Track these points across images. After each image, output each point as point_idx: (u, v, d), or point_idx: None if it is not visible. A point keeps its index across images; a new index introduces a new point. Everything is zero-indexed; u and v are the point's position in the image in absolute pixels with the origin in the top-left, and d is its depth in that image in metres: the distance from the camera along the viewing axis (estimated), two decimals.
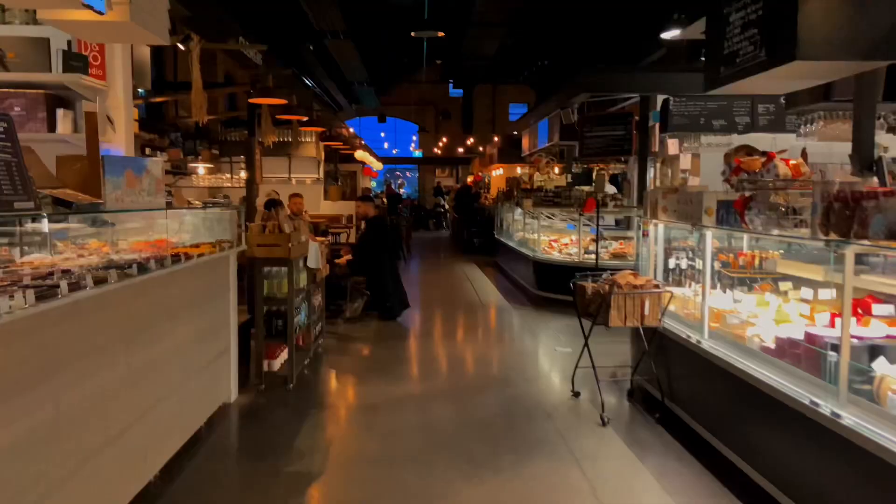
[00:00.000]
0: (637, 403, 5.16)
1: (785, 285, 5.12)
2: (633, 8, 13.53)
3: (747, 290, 5.42)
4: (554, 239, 10.89)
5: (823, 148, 10.62)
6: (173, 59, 12.96)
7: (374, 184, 32.76)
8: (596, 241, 9.01)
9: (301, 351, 6.17)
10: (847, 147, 4.72)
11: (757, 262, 5.51)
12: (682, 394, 4.63)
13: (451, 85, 29.51)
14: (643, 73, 9.58)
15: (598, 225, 9.05)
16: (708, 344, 4.25)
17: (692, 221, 4.34)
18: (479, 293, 11.01)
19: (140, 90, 7.03)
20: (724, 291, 5.53)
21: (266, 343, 5.40)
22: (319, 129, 9.48)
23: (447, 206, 25.09)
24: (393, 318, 8.40)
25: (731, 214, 3.84)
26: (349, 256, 8.45)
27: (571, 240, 10.67)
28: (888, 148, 5.96)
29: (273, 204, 7.73)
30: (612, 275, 5.27)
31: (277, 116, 8.03)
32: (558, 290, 9.46)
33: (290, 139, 12.20)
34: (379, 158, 23.89)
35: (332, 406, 5.19)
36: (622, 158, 13.76)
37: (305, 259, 6.04)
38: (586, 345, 5.02)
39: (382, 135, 32.38)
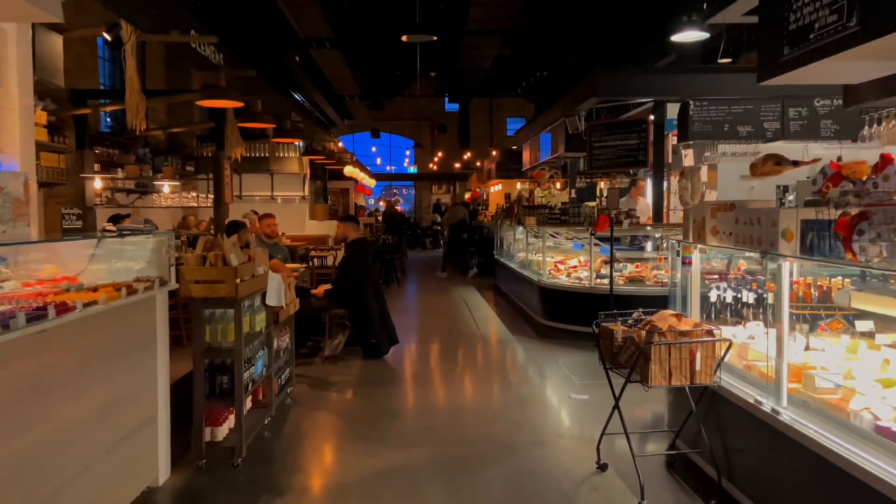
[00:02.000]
0: (682, 480, 4.02)
1: (863, 324, 4.03)
2: (640, 8, 12.59)
3: (809, 328, 4.33)
4: (560, 260, 9.78)
5: (866, 156, 9.60)
6: (140, 63, 11.93)
7: (371, 201, 31.76)
8: (610, 263, 7.89)
9: (259, 408, 5.03)
10: None
11: (814, 291, 4.42)
12: (748, 475, 3.50)
13: (446, 99, 28.55)
14: (661, 74, 8.52)
15: (612, 246, 7.94)
16: (788, 415, 3.13)
17: (761, 248, 3.24)
18: (479, 322, 9.89)
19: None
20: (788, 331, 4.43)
21: (208, 406, 4.27)
22: (292, 141, 8.40)
23: (443, 225, 23.99)
24: (379, 357, 7.27)
25: (827, 239, 2.74)
26: (327, 286, 7.34)
27: (580, 261, 9.56)
28: None
29: (236, 227, 6.63)
30: (645, 314, 4.16)
31: (240, 125, 6.95)
32: (567, 319, 8.35)
33: (265, 154, 11.17)
34: (373, 175, 22.84)
35: (289, 489, 4.04)
36: (631, 171, 12.74)
37: (265, 295, 4.92)
38: (616, 407, 3.90)
39: (374, 149, 31.34)
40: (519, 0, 14.47)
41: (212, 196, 11.30)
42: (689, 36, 8.78)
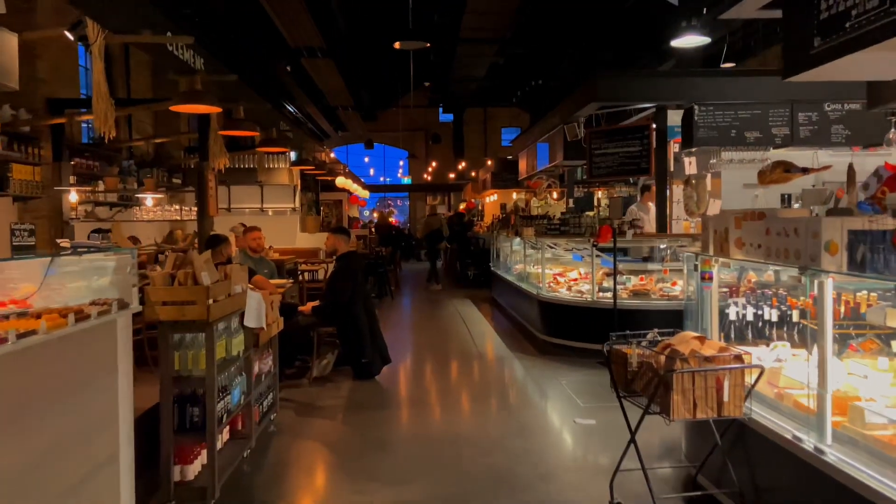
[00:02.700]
0: None
1: None
2: (637, 15, 12.29)
3: (838, 349, 3.94)
4: (559, 273, 9.39)
5: (872, 165, 9.25)
6: (125, 71, 11.56)
7: (366, 213, 31.31)
8: (613, 276, 7.51)
9: (238, 440, 4.60)
10: None
11: (840, 307, 4.03)
12: None
13: (440, 109, 28.25)
14: (664, 77, 8.17)
15: (615, 258, 7.56)
16: (834, 455, 2.73)
17: (800, 263, 2.84)
18: (476, 337, 9.47)
19: None
20: (812, 353, 4.04)
21: (177, 442, 3.84)
22: (280, 150, 8.01)
23: None
24: (370, 377, 6.85)
25: (882, 253, 2.35)
26: (315, 302, 6.92)
27: (580, 273, 9.17)
28: None
29: (216, 241, 6.22)
30: (661, 335, 3.77)
31: (220, 133, 6.55)
32: (569, 335, 7.95)
33: (253, 165, 10.77)
34: (366, 186, 22.44)
35: None
36: (630, 180, 12.39)
37: (243, 316, 4.51)
38: (633, 441, 3.49)
39: (367, 160, 30.96)
40: (513, 7, 14.18)
41: (192, 209, 10.91)
42: (690, 41, 8.45)
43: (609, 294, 7.75)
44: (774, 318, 4.24)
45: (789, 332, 4.22)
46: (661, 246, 8.44)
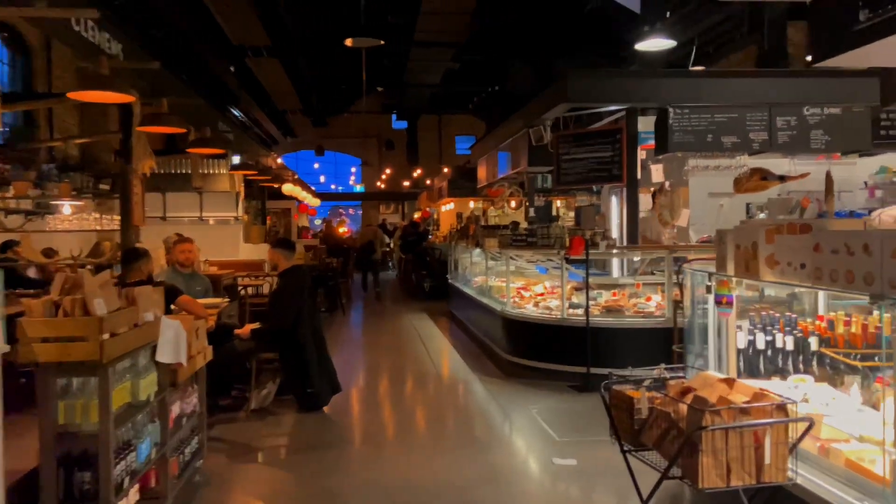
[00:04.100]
0: None
1: None
2: (596, 20, 11.86)
3: (861, 381, 3.37)
4: (522, 286, 8.73)
5: (845, 172, 8.88)
6: (46, 64, 10.48)
7: (318, 222, 30.23)
8: (586, 292, 6.88)
9: (149, 500, 3.74)
10: None
11: (854, 327, 3.47)
12: None
13: (394, 116, 27.51)
14: (638, 78, 7.62)
15: (587, 272, 6.94)
16: None
17: (871, 290, 2.20)
18: (434, 357, 8.74)
19: None
20: (838, 386, 3.44)
21: None
22: (213, 151, 7.14)
23: (392, 246, 22.80)
24: (318, 409, 6.03)
25: None
26: (254, 325, 6.07)
27: (546, 287, 8.54)
28: None
29: (135, 256, 5.33)
30: (669, 372, 3.11)
31: (138, 129, 5.68)
32: (537, 355, 7.27)
33: (186, 170, 9.84)
34: (317, 194, 21.47)
35: None
36: (594, 188, 11.87)
37: (155, 350, 3.67)
38: None
39: (317, 166, 29.91)
40: (469, 9, 13.60)
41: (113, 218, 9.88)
42: (656, 44, 7.97)
43: (580, 311, 7.14)
44: (790, 347, 3.64)
45: (806, 363, 3.63)
46: (635, 259, 7.88)
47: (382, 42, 10.97)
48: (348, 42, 10.69)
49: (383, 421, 6.13)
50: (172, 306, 5.29)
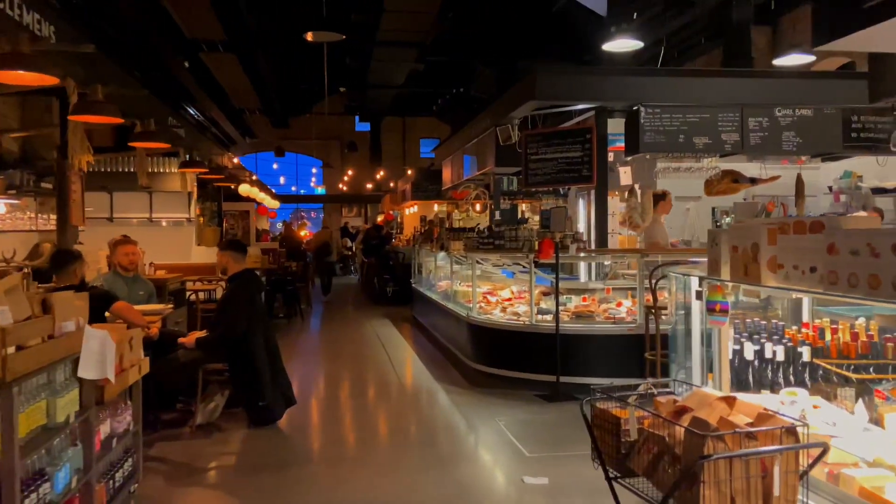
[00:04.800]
0: None
1: None
2: (561, 22, 11.67)
3: (855, 394, 3.13)
4: (488, 291, 8.43)
5: (809, 176, 8.76)
6: None
7: (279, 225, 29.47)
8: (556, 297, 6.59)
9: None
10: None
11: (842, 335, 3.23)
12: None
13: (357, 119, 27.01)
14: (609, 76, 7.36)
15: (557, 276, 6.65)
16: None
17: None
18: (397, 365, 8.36)
19: None
20: (832, 399, 3.19)
21: None
22: (157, 146, 6.62)
23: (354, 249, 22.31)
24: (271, 422, 5.60)
25: None
26: (200, 333, 5.61)
27: (513, 292, 8.24)
28: None
29: (65, 259, 4.84)
30: (656, 388, 2.81)
31: (70, 117, 5.17)
32: (504, 363, 6.95)
33: (130, 168, 9.28)
34: (276, 196, 20.85)
35: None
36: (561, 190, 11.65)
37: (77, 364, 3.22)
38: None
39: (276, 166, 29.21)
40: (434, 9, 13.26)
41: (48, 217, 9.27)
42: (623, 44, 7.75)
43: (548, 316, 6.84)
44: (780, 357, 3.37)
45: (796, 374, 3.36)
46: (606, 263, 7.63)
47: (344, 37, 10.54)
48: (309, 36, 10.24)
49: (342, 436, 5.72)
50: (107, 314, 4.83)
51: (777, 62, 8.13)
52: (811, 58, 8.27)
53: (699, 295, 2.90)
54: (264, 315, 5.95)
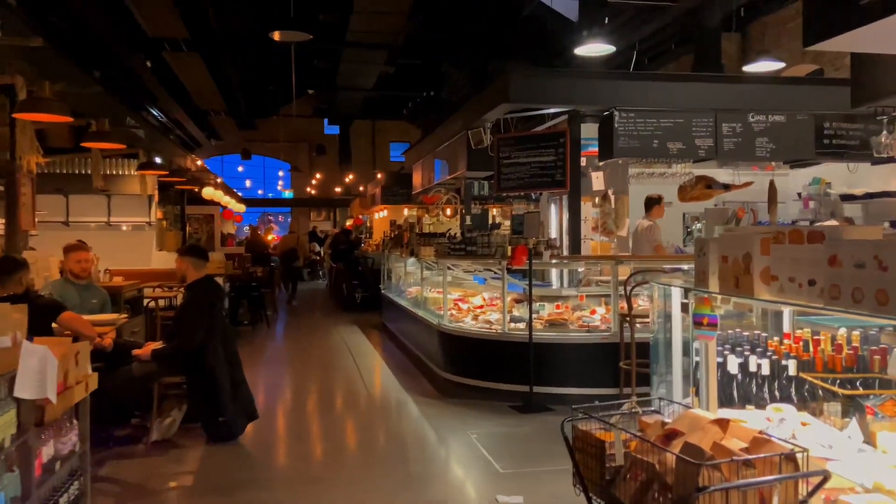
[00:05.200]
0: None
1: None
2: (531, 27, 11.59)
3: (841, 409, 3.01)
4: (459, 298, 8.23)
5: (778, 183, 8.75)
6: None
7: (246, 228, 28.92)
8: (529, 304, 6.43)
9: None
10: None
11: (824, 346, 3.12)
12: None
13: (326, 122, 26.65)
14: (583, 78, 7.24)
15: (531, 284, 6.48)
16: None
17: None
18: (365, 375, 8.11)
19: None
20: (818, 415, 3.06)
21: None
22: (112, 147, 6.29)
23: (323, 254, 21.94)
24: (231, 439, 5.32)
25: None
26: (156, 344, 5.32)
27: (485, 299, 8.06)
28: None
29: (11, 267, 4.52)
30: (641, 405, 2.64)
31: (14, 115, 4.85)
32: (476, 373, 6.76)
33: (86, 170, 8.90)
34: (242, 200, 20.41)
35: None
36: (533, 195, 11.54)
37: (13, 383, 2.94)
38: None
39: (241, 169, 28.68)
40: (405, 10, 13.08)
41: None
42: (595, 49, 7.67)
43: (521, 324, 6.68)
44: (765, 371, 3.24)
45: (782, 389, 3.23)
46: (579, 270, 7.50)
47: (312, 37, 10.28)
48: (276, 36, 9.96)
49: (307, 453, 5.46)
50: (54, 325, 4.52)
51: (747, 69, 8.12)
52: (781, 64, 8.29)
53: (685, 307, 2.74)
54: (225, 325, 5.67)
